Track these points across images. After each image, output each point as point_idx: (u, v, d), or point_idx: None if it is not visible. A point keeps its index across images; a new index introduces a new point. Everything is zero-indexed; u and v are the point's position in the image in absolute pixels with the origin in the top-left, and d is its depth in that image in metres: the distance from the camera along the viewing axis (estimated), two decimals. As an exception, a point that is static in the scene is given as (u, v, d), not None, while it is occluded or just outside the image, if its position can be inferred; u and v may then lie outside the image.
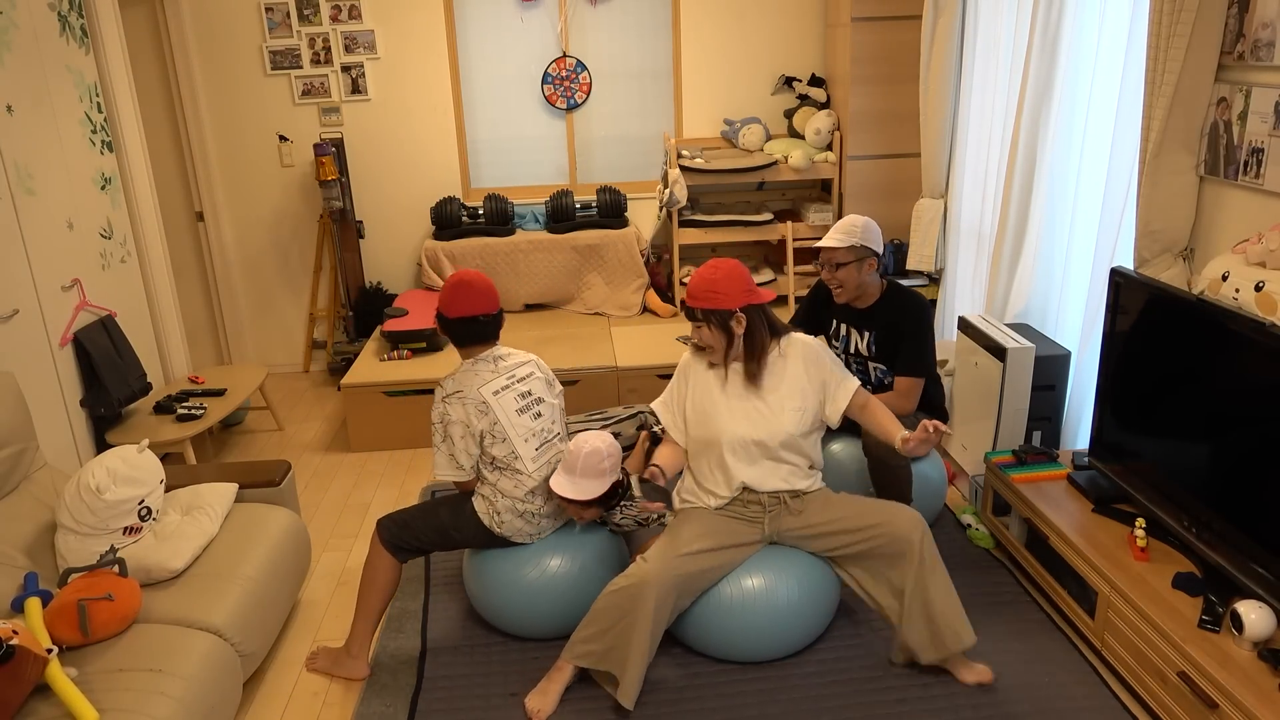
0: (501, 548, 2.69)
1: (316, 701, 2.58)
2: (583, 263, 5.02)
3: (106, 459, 2.53)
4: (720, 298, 2.51)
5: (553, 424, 2.71)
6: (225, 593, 2.46)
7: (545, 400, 2.70)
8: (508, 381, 2.63)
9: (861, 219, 2.97)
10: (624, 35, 5.08)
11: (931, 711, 2.40)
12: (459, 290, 2.60)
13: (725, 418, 2.57)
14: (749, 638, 2.54)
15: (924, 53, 4.24)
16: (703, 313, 2.55)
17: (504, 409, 2.58)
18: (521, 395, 2.64)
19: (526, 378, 2.68)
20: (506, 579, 2.67)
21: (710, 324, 2.55)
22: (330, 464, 4.15)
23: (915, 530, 2.43)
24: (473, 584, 2.75)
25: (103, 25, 3.87)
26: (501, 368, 2.64)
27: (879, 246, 2.97)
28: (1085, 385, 3.19)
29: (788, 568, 2.57)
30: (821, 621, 2.63)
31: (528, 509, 2.63)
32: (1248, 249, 2.29)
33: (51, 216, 3.42)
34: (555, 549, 2.68)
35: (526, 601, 2.66)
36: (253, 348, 5.39)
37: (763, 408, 2.57)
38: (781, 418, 2.55)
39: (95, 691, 2.05)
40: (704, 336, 2.57)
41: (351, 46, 4.95)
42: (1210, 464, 2.36)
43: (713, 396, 2.61)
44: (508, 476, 2.60)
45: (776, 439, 2.55)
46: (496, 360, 2.65)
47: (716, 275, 2.54)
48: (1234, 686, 2.00)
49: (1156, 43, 2.55)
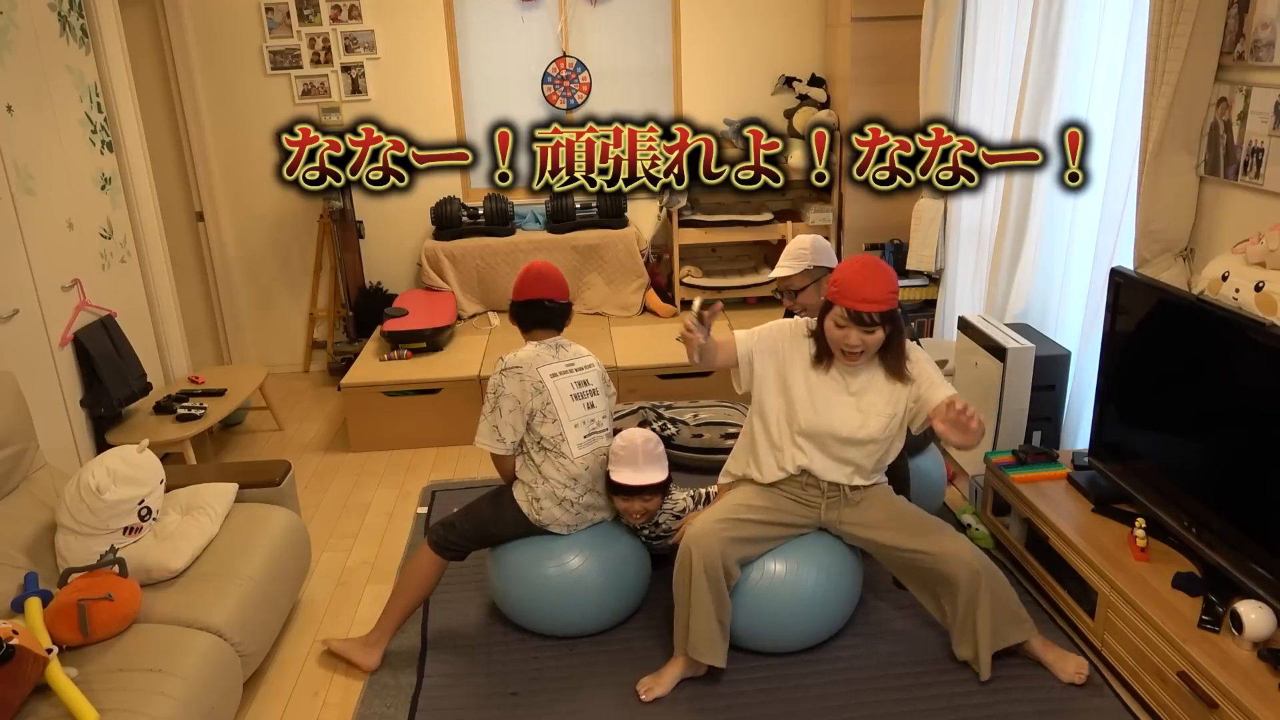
0: (536, 536, 2.71)
1: (316, 701, 2.58)
2: (583, 263, 5.02)
3: (106, 459, 2.53)
4: (894, 297, 2.35)
5: (603, 418, 2.75)
6: (225, 593, 2.46)
7: (599, 394, 2.75)
8: (566, 369, 2.70)
9: (809, 238, 2.91)
10: (624, 35, 5.08)
11: (933, 711, 2.40)
12: (530, 276, 2.76)
13: (808, 403, 2.47)
14: (769, 625, 2.54)
15: (924, 53, 4.24)
16: (882, 316, 2.34)
17: (559, 391, 2.65)
18: (578, 384, 2.70)
19: (585, 369, 2.74)
20: (526, 572, 2.67)
21: (884, 326, 2.36)
22: (330, 464, 4.15)
23: (964, 571, 2.40)
24: (493, 575, 2.76)
25: (103, 25, 3.87)
26: (562, 355, 2.72)
27: (832, 261, 2.92)
28: (1085, 385, 3.19)
29: (815, 556, 2.56)
30: (842, 616, 2.63)
31: (567, 496, 2.65)
32: (1248, 249, 2.29)
33: (51, 216, 3.42)
34: (578, 546, 2.68)
35: (545, 597, 2.66)
36: (253, 348, 5.39)
37: (852, 406, 2.46)
38: (869, 420, 2.45)
39: (95, 691, 2.05)
40: (873, 341, 2.37)
41: (351, 46, 4.95)
42: (1210, 464, 2.36)
43: (803, 376, 2.49)
44: (552, 460, 2.64)
45: (857, 439, 2.46)
46: (559, 348, 2.73)
47: (882, 273, 2.34)
48: (1234, 686, 2.00)
49: (1156, 43, 2.54)
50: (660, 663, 2.58)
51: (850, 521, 2.56)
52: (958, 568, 2.41)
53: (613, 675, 2.59)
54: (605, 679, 2.57)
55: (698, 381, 4.26)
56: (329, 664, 2.73)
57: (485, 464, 4.05)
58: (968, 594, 2.42)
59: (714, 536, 2.41)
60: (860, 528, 2.55)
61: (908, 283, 4.58)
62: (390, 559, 3.30)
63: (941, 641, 2.64)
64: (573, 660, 2.66)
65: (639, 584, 2.79)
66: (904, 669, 2.56)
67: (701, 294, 2.75)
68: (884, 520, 2.52)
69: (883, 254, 4.79)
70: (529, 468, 2.68)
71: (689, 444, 3.65)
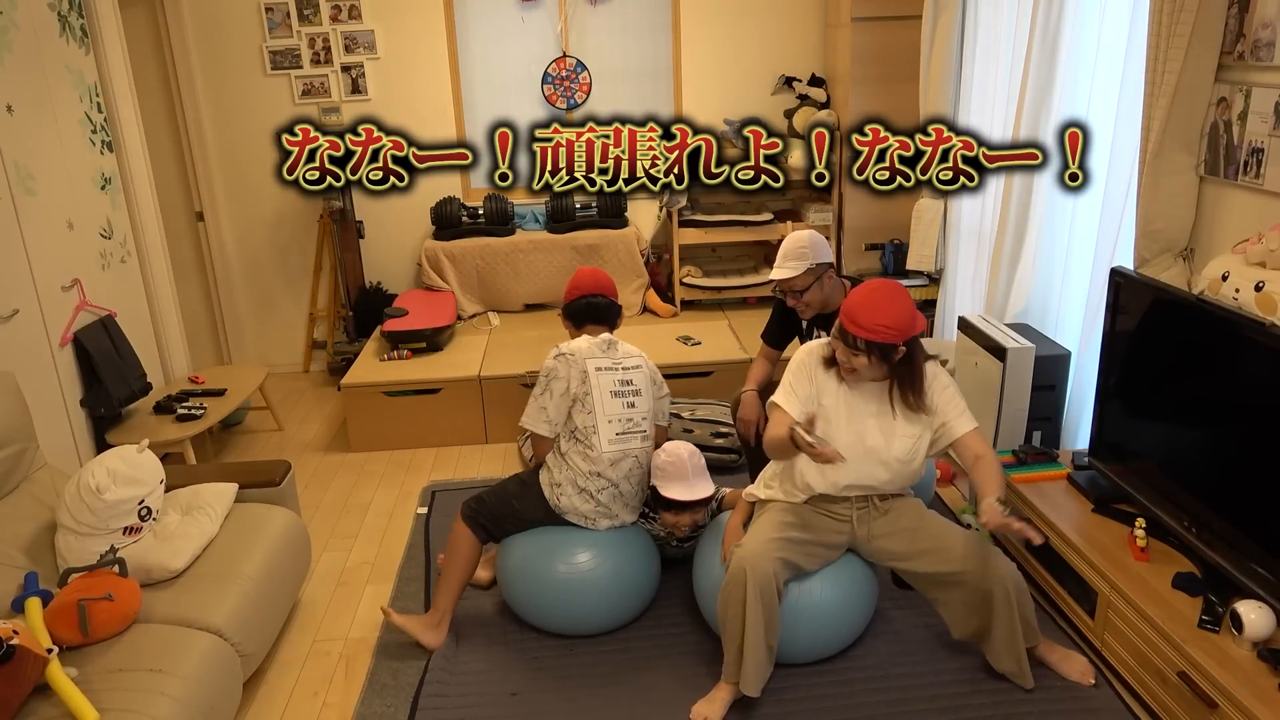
0: (558, 525, 2.73)
1: (316, 701, 2.58)
2: (583, 262, 5.02)
3: (106, 459, 2.53)
4: (890, 333, 2.29)
5: (642, 419, 2.77)
6: (225, 593, 2.46)
7: (643, 395, 2.78)
8: (612, 365, 2.75)
9: (805, 234, 2.90)
10: (624, 35, 5.08)
11: (933, 711, 2.40)
12: (581, 277, 2.89)
13: (837, 428, 2.44)
14: (784, 641, 2.48)
15: (924, 53, 4.24)
16: (868, 344, 2.33)
17: (600, 386, 2.71)
18: (622, 381, 2.75)
19: (632, 369, 2.78)
20: (534, 567, 2.68)
21: (871, 355, 2.34)
22: (330, 464, 4.15)
23: (1000, 587, 2.36)
24: (502, 567, 2.77)
25: (103, 25, 3.87)
26: (611, 353, 2.77)
27: (830, 255, 2.93)
28: (1085, 385, 3.19)
29: (833, 571, 2.52)
30: (858, 630, 2.60)
31: (588, 487, 2.68)
32: (1248, 249, 2.29)
33: (51, 216, 3.42)
34: (589, 544, 2.68)
35: (550, 594, 2.66)
36: (253, 348, 5.39)
37: (875, 428, 2.43)
38: (892, 443, 2.43)
39: (95, 691, 2.05)
40: (859, 364, 2.37)
41: (351, 46, 4.95)
42: (1210, 464, 2.36)
43: (835, 394, 2.46)
44: (578, 449, 2.68)
45: (882, 461, 2.43)
46: (609, 345, 2.78)
47: (886, 303, 2.30)
48: (1234, 686, 2.00)
49: (1156, 43, 2.54)
50: (660, 664, 2.58)
51: (882, 534, 2.49)
52: (995, 584, 2.36)
53: (613, 676, 2.59)
54: (605, 679, 2.57)
55: (698, 382, 4.27)
56: (329, 664, 2.74)
57: (486, 464, 4.06)
58: (1005, 608, 2.37)
59: (768, 557, 2.34)
60: (892, 537, 2.48)
61: (908, 283, 4.58)
62: (390, 559, 3.30)
63: (940, 641, 2.64)
64: (573, 660, 2.66)
65: (646, 588, 2.78)
66: (904, 669, 2.56)
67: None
68: (913, 526, 2.47)
69: (883, 254, 4.79)
70: (555, 453, 2.74)
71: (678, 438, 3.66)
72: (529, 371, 4.18)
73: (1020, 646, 2.41)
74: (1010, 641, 2.41)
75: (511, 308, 5.11)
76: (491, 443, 4.28)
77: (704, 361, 4.29)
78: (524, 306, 5.14)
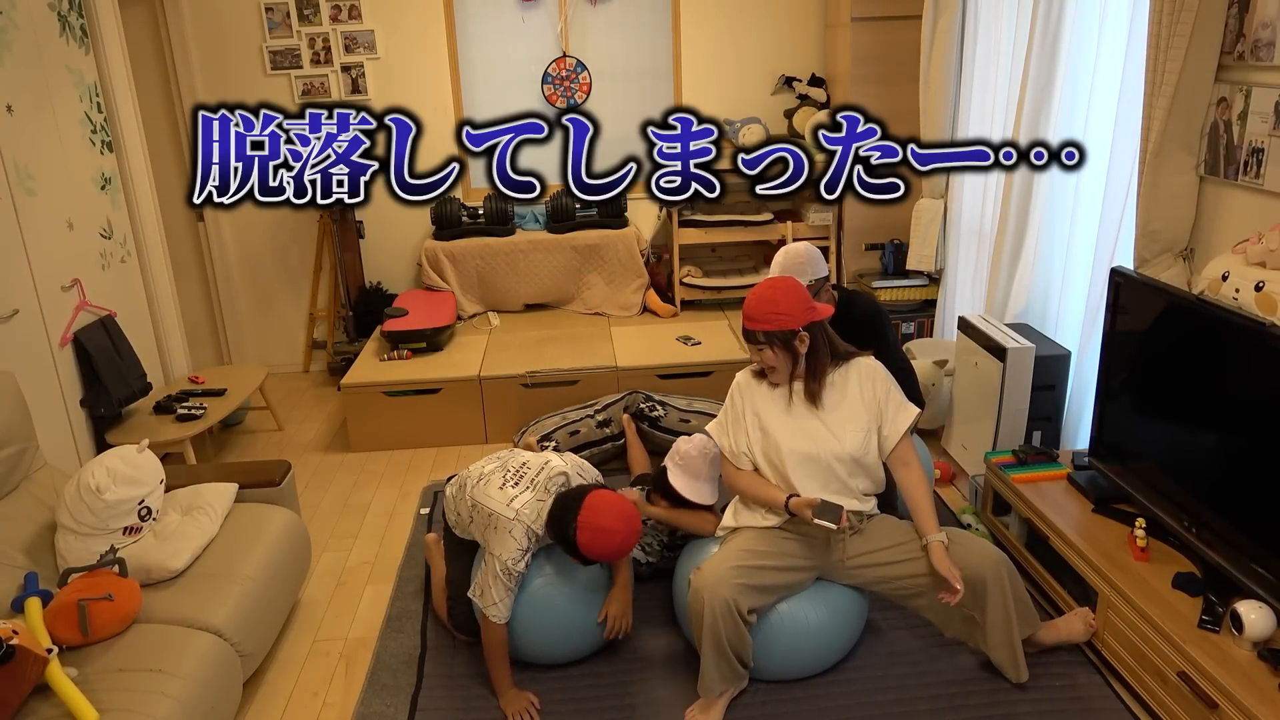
0: (466, 547, 2.68)
1: (316, 701, 2.58)
2: (583, 263, 5.03)
3: (106, 459, 2.53)
4: (783, 318, 2.39)
5: (539, 465, 2.56)
6: (225, 593, 2.46)
7: (533, 463, 2.58)
8: (500, 466, 2.60)
9: (801, 247, 2.90)
10: (624, 35, 5.08)
11: (933, 711, 2.40)
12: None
13: (786, 435, 2.46)
14: (773, 659, 2.47)
15: (924, 53, 4.24)
16: (765, 335, 2.41)
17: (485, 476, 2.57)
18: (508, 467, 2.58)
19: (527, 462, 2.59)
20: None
21: (774, 346, 2.42)
22: (330, 464, 4.15)
23: (990, 568, 2.36)
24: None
25: (103, 25, 3.87)
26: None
27: (825, 269, 2.93)
28: (1085, 385, 3.19)
29: (821, 591, 2.51)
30: (847, 647, 2.58)
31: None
32: (1248, 249, 2.29)
33: (51, 216, 3.42)
34: (541, 570, 2.54)
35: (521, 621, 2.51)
36: (253, 348, 5.39)
37: (821, 427, 2.46)
38: (843, 438, 2.44)
39: (95, 691, 2.05)
40: (767, 359, 2.45)
41: (351, 46, 4.95)
42: (1210, 464, 2.36)
43: (774, 415, 2.50)
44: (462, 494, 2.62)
45: (838, 459, 2.44)
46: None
47: (776, 294, 2.41)
48: (1234, 686, 2.00)
49: (1156, 43, 2.54)
50: (660, 666, 2.58)
51: (858, 553, 2.48)
52: (983, 567, 2.36)
53: (613, 676, 2.59)
54: (605, 679, 2.57)
55: (697, 382, 4.27)
56: (329, 664, 2.74)
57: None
58: (998, 589, 2.37)
59: (726, 584, 2.33)
60: (871, 557, 2.47)
61: (908, 283, 4.59)
62: (390, 559, 3.30)
63: (938, 641, 2.64)
64: (573, 660, 2.65)
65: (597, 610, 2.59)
66: (903, 669, 2.56)
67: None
68: (894, 542, 2.46)
69: (883, 254, 4.79)
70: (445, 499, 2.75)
71: (675, 428, 3.69)
72: (529, 371, 4.18)
73: (1015, 633, 2.41)
74: (1005, 627, 2.41)
75: (511, 308, 5.11)
76: (491, 443, 4.28)
77: (704, 361, 4.29)
78: (524, 306, 5.14)
